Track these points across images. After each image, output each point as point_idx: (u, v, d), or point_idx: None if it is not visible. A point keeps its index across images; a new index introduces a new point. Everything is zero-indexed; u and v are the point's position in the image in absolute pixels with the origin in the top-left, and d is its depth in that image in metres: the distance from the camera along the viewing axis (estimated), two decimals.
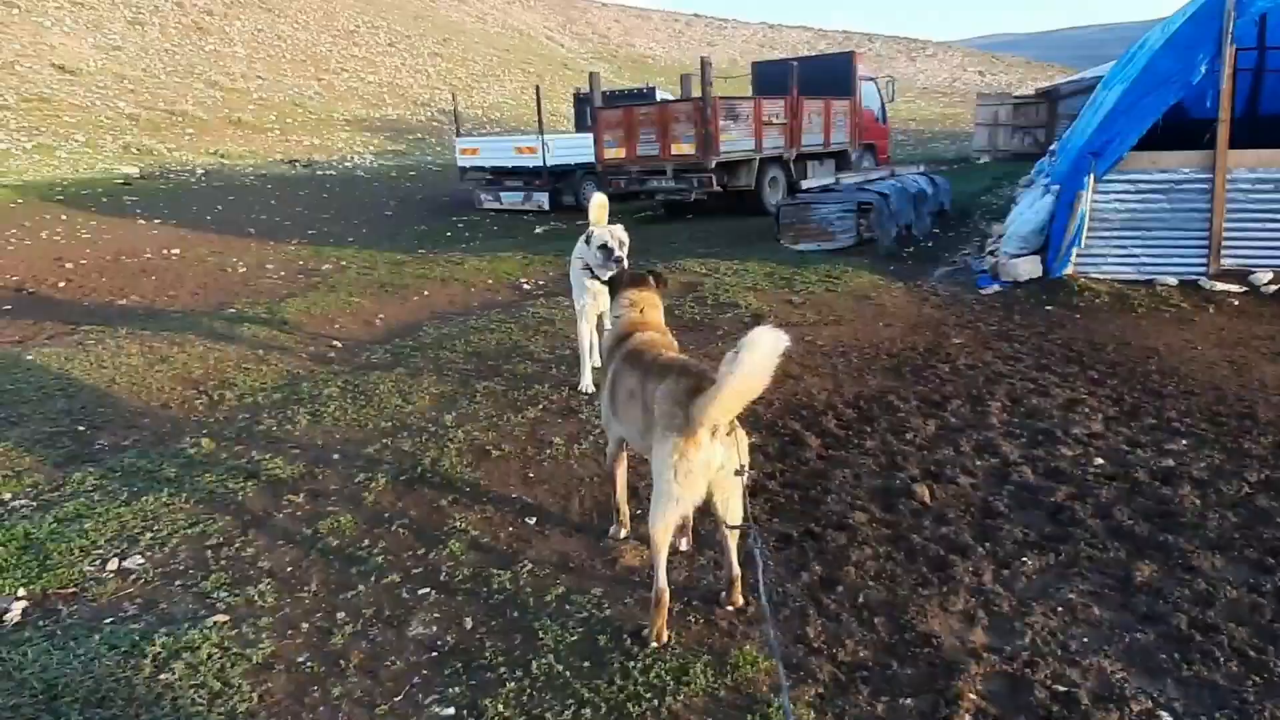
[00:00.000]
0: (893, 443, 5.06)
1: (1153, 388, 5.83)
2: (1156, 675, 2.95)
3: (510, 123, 33.95)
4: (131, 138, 22.57)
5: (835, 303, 8.43)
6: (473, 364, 6.76)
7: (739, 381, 2.87)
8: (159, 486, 4.65)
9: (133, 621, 3.49)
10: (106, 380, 6.42)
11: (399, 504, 4.44)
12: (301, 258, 11.95)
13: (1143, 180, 8.51)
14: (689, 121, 14.51)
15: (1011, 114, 26.76)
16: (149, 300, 9.54)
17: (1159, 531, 3.89)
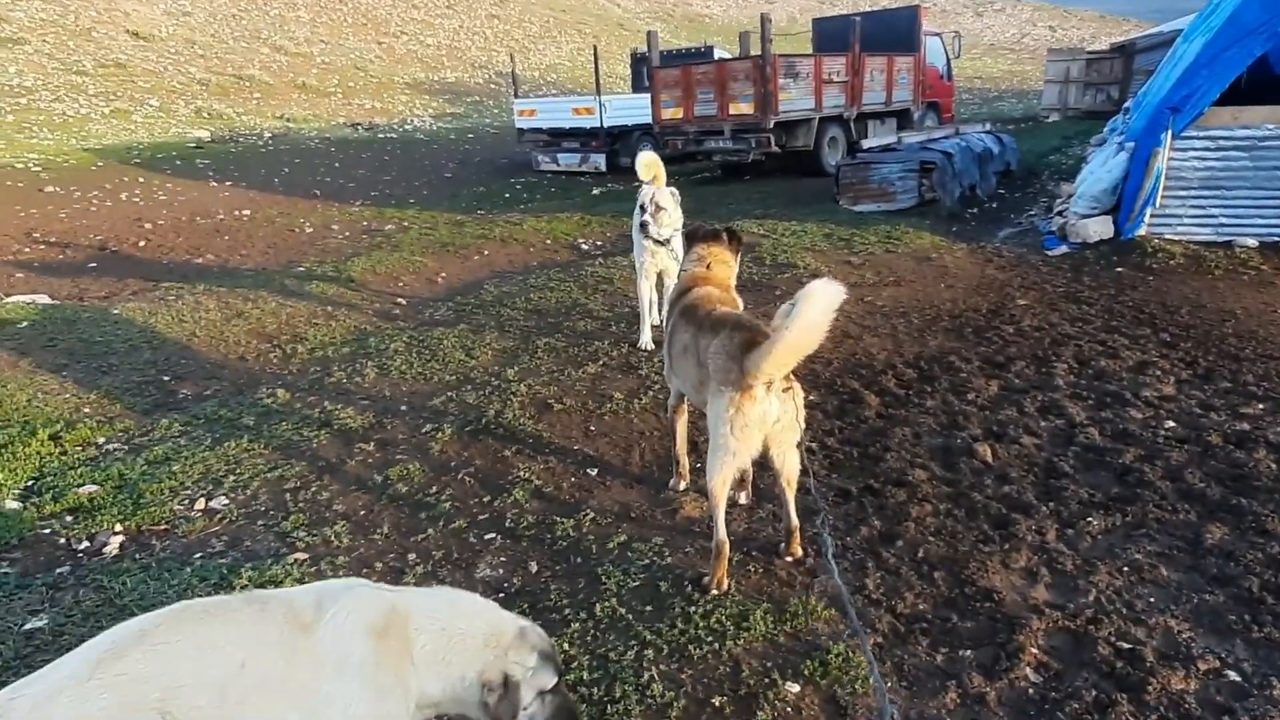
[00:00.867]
0: (954, 402, 5.01)
1: (1229, 351, 5.64)
2: (1225, 636, 2.91)
3: (566, 84, 33.82)
4: (202, 102, 23.19)
5: (895, 263, 8.29)
6: (533, 321, 6.87)
7: (795, 335, 2.87)
8: (239, 433, 4.88)
9: (220, 556, 3.70)
10: (187, 334, 6.71)
11: (465, 454, 4.58)
12: (365, 218, 12.21)
13: (1224, 137, 8.12)
14: (747, 80, 14.27)
15: (1084, 70, 25.57)
16: (223, 259, 9.90)
17: (1232, 495, 3.80)
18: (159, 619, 1.82)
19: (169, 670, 1.70)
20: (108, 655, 1.69)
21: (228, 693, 1.73)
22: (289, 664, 1.81)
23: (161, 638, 1.75)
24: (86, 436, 4.89)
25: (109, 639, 1.76)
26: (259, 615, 1.85)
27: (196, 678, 1.71)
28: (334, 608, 1.89)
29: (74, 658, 1.72)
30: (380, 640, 1.89)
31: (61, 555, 3.78)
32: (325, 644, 1.85)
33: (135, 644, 1.72)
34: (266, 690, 1.77)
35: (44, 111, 19.51)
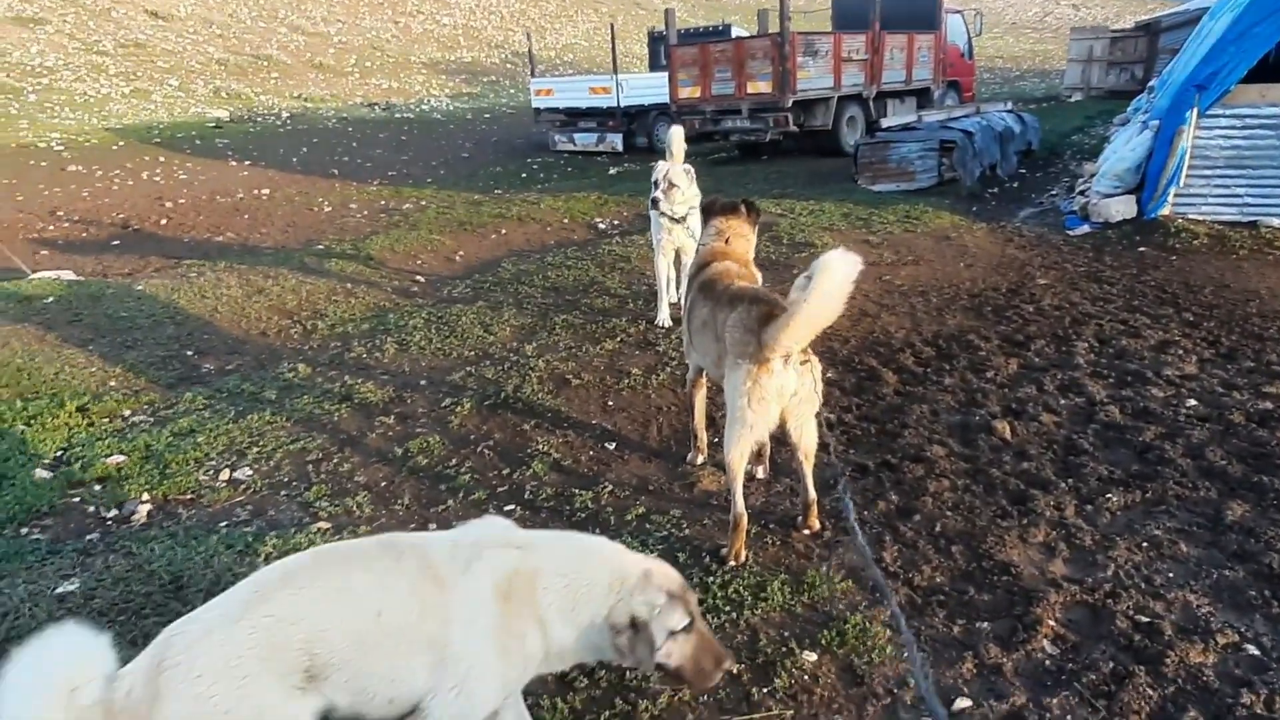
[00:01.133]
0: (972, 380, 4.99)
1: (1252, 331, 5.57)
2: (1244, 611, 2.91)
3: (583, 64, 33.63)
4: (221, 82, 23.29)
5: (914, 243, 8.24)
6: (551, 298, 6.89)
7: (812, 307, 2.86)
8: (262, 406, 4.94)
9: (245, 525, 3.77)
10: (209, 309, 6.78)
11: (484, 427, 4.62)
12: (383, 197, 12.26)
13: (1251, 115, 7.97)
14: (765, 59, 14.13)
15: (1107, 49, 25.13)
16: (243, 237, 9.99)
17: (1253, 472, 3.78)
18: (302, 564, 1.92)
19: (312, 615, 1.79)
20: (255, 598, 1.79)
21: (364, 640, 1.83)
22: (420, 617, 1.89)
23: (305, 582, 1.85)
24: (113, 409, 4.98)
25: (255, 582, 1.87)
26: (394, 566, 1.94)
27: (337, 624, 1.81)
28: (466, 568, 1.96)
29: (226, 599, 1.83)
30: (506, 604, 1.96)
31: (91, 523, 3.86)
32: (455, 603, 1.93)
33: (281, 587, 1.82)
34: (398, 639, 1.86)
35: (65, 91, 19.65)
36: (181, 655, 1.66)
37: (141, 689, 1.61)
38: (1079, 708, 2.52)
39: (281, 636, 1.74)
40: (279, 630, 1.75)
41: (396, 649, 1.86)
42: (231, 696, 1.65)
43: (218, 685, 1.64)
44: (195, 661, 1.65)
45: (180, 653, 1.66)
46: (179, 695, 1.61)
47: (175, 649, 1.68)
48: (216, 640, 1.70)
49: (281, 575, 1.87)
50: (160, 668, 1.64)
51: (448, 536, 2.10)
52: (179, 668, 1.63)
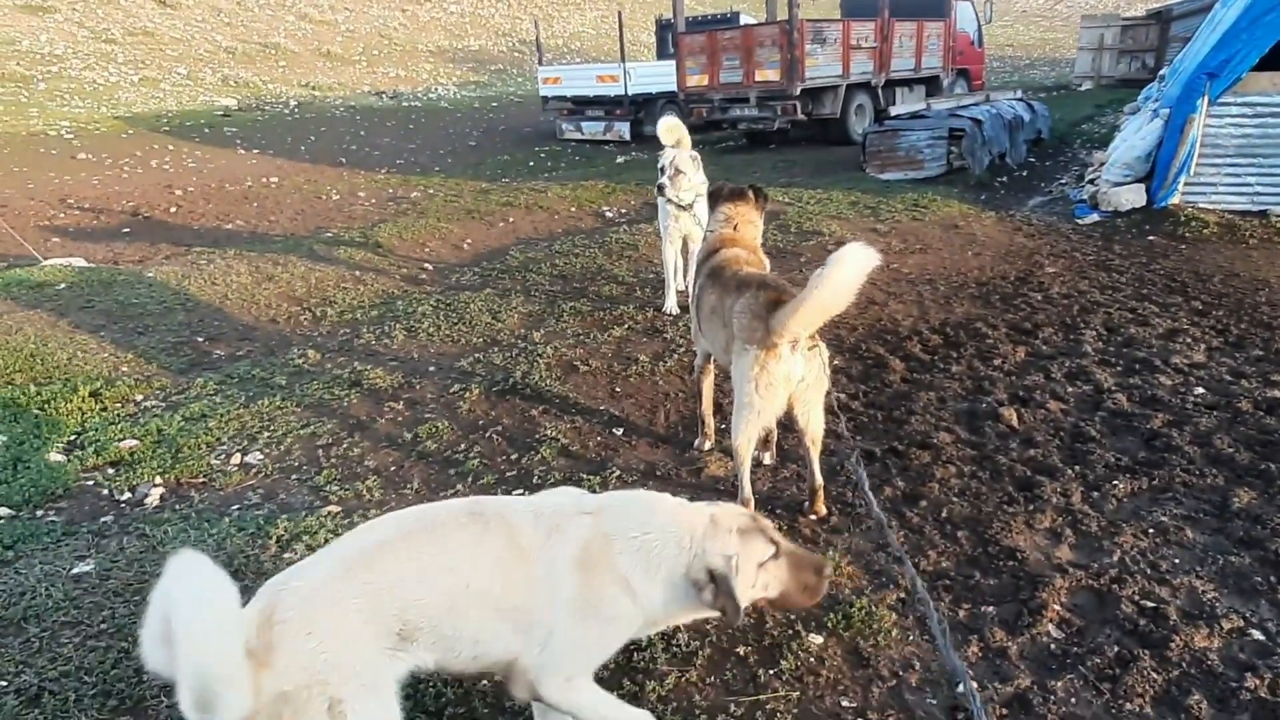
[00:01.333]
0: (979, 368, 5.00)
1: (1261, 319, 5.56)
2: (1250, 596, 2.92)
3: (591, 52, 33.50)
4: (229, 70, 23.29)
5: (922, 231, 8.22)
6: (559, 286, 6.91)
7: (822, 295, 2.87)
8: (272, 392, 4.98)
9: (256, 508, 3.81)
10: (219, 296, 6.82)
11: (492, 413, 4.65)
12: (391, 185, 12.27)
13: (1262, 103, 7.92)
14: (773, 46, 14.08)
15: (1119, 36, 24.90)
16: (252, 224, 10.01)
17: (1261, 460, 3.78)
18: (397, 530, 1.98)
19: (408, 582, 1.88)
20: (358, 562, 1.87)
21: (454, 607, 1.92)
22: (505, 588, 1.97)
23: (401, 550, 1.93)
24: (125, 394, 5.02)
25: (354, 544, 1.95)
26: (482, 535, 2.00)
27: (430, 592, 1.90)
28: (546, 539, 2.03)
29: (328, 559, 1.90)
30: (585, 573, 2.02)
31: (105, 505, 3.90)
32: (539, 574, 2.00)
33: (380, 553, 1.90)
34: (484, 608, 1.96)
35: (74, 79, 19.70)
36: (292, 611, 1.74)
37: (254, 638, 1.68)
38: (1083, 690, 2.54)
39: (380, 602, 1.83)
40: (378, 596, 1.83)
41: (483, 616, 1.95)
42: (339, 654, 1.74)
43: (327, 644, 1.73)
44: (305, 618, 1.74)
45: (290, 609, 1.74)
46: (293, 649, 1.70)
47: (285, 604, 1.75)
48: (324, 600, 1.78)
49: (378, 541, 1.94)
50: (271, 621, 1.72)
51: (529, 506, 2.13)
52: (290, 623, 1.72)
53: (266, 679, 1.64)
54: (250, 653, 1.63)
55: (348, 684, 1.73)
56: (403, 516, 2.05)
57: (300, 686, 1.67)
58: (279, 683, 1.65)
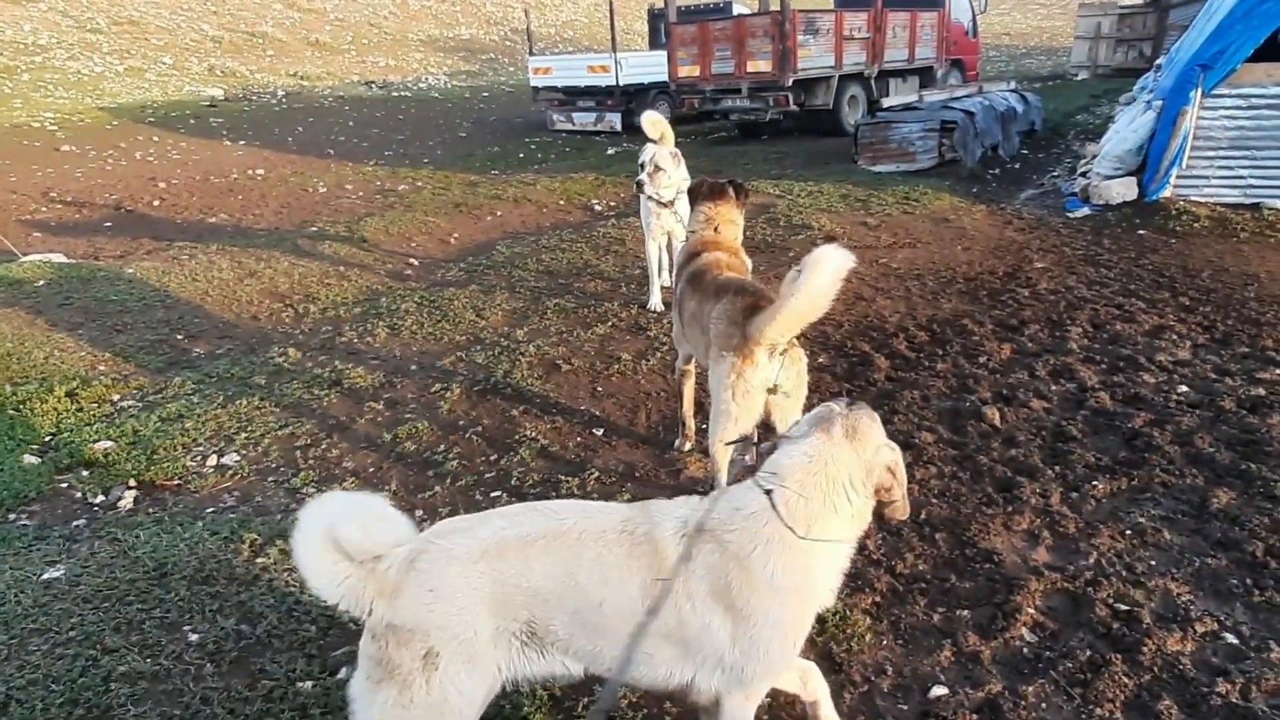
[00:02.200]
0: (964, 366, 4.97)
1: (1249, 315, 5.54)
2: (1225, 599, 2.91)
3: (583, 41, 33.31)
4: (215, 60, 23.11)
5: (912, 225, 8.18)
6: (544, 282, 6.86)
7: (799, 302, 2.83)
8: (251, 392, 4.94)
9: (231, 511, 3.77)
10: (200, 293, 6.77)
11: (473, 413, 4.61)
12: (379, 178, 12.19)
13: (1256, 95, 7.86)
14: (766, 37, 13.97)
15: (1116, 25, 24.79)
16: (236, 218, 9.94)
17: (1241, 460, 3.76)
18: (541, 528, 2.00)
19: (538, 584, 1.94)
20: (493, 548, 1.95)
21: (583, 621, 1.97)
22: (637, 605, 1.96)
23: (541, 550, 1.96)
24: (102, 394, 4.97)
25: (502, 528, 1.99)
26: (629, 555, 1.98)
27: (559, 601, 1.95)
28: (689, 560, 1.97)
29: (469, 539, 1.97)
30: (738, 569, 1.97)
31: (77, 509, 3.87)
32: (683, 606, 1.96)
33: (519, 547, 1.95)
34: (612, 619, 1.97)
35: (59, 70, 19.51)
36: (427, 566, 1.90)
37: (395, 574, 1.89)
38: (1054, 696, 2.53)
39: (508, 593, 1.93)
40: (505, 588, 1.92)
41: (619, 632, 1.97)
42: (447, 617, 1.89)
43: (441, 604, 1.89)
44: (433, 576, 1.90)
45: (427, 563, 1.91)
46: (413, 595, 1.88)
47: (426, 557, 1.92)
48: (455, 569, 1.92)
49: (521, 535, 1.97)
50: (410, 566, 1.90)
51: (678, 519, 2.04)
52: (421, 574, 1.89)
53: (384, 607, 1.87)
54: (385, 582, 1.87)
55: (447, 644, 1.88)
56: (559, 511, 2.06)
57: (407, 626, 1.87)
58: (392, 615, 1.87)
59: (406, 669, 1.87)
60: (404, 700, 1.88)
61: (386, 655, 1.88)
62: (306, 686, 2.73)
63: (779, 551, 1.94)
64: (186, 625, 3.05)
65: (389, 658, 1.88)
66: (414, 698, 1.88)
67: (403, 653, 1.87)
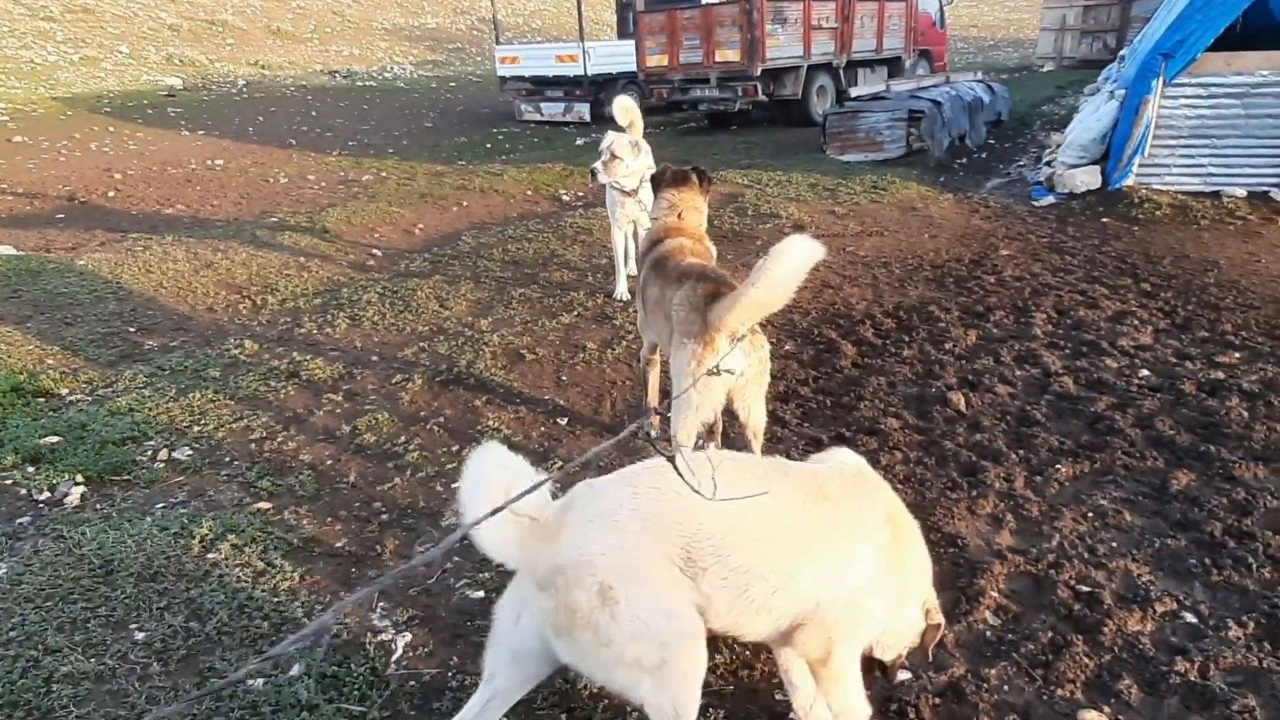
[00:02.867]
0: (931, 352, 4.98)
1: (1209, 301, 5.61)
2: (1184, 579, 2.92)
3: (552, 31, 33.01)
4: (174, 49, 22.54)
5: (880, 214, 8.19)
6: (510, 272, 6.77)
7: (760, 291, 2.79)
8: (205, 385, 4.80)
9: (182, 506, 3.66)
10: (154, 285, 6.58)
11: (434, 404, 4.53)
12: (342, 168, 11.96)
13: (1216, 84, 7.97)
14: (734, 26, 13.93)
15: (1081, 17, 25.07)
16: (194, 209, 9.68)
17: (1201, 442, 3.80)
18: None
19: (693, 517, 1.97)
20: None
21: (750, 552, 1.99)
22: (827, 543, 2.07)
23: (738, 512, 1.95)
24: (49, 388, 4.80)
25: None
26: (814, 509, 2.07)
27: (719, 530, 1.97)
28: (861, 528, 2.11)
29: (619, 481, 2.07)
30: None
31: (22, 505, 3.72)
32: (856, 557, 2.08)
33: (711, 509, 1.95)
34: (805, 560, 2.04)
35: (10, 59, 18.93)
36: (584, 506, 1.98)
37: (553, 517, 1.97)
38: (1016, 678, 2.52)
39: (662, 529, 1.96)
40: (660, 520, 1.97)
41: (800, 563, 2.03)
42: (610, 550, 1.92)
43: (600, 539, 1.93)
44: (590, 515, 1.97)
45: (583, 505, 1.99)
46: (573, 535, 1.93)
47: (582, 499, 2.01)
48: (608, 507, 1.98)
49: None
50: (567, 508, 1.99)
51: (846, 491, 2.16)
52: (578, 513, 1.97)
53: (547, 550, 1.91)
54: (544, 527, 1.93)
55: (618, 576, 1.89)
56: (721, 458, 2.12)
57: (572, 565, 1.89)
58: (556, 557, 1.90)
59: (587, 609, 1.87)
60: (601, 641, 1.87)
61: (563, 602, 1.88)
62: (258, 684, 2.65)
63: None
64: (133, 623, 2.95)
65: (566, 603, 1.88)
66: (609, 636, 1.87)
67: (578, 594, 1.87)
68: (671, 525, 1.95)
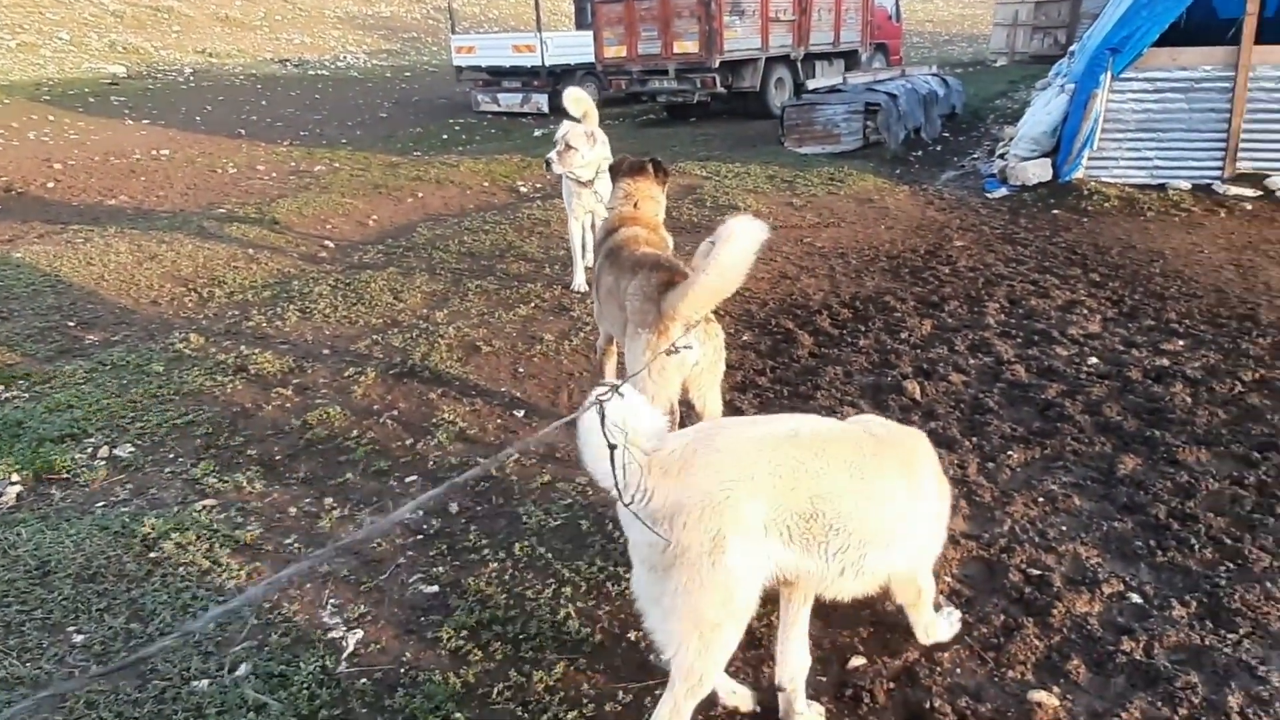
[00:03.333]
0: (887, 341, 5.02)
1: (1155, 290, 5.74)
2: (1130, 561, 2.98)
3: (509, 20, 32.65)
4: (117, 35, 21.82)
5: (837, 205, 8.25)
6: (466, 263, 6.68)
7: (711, 278, 2.80)
8: (148, 380, 4.66)
9: (123, 505, 3.54)
10: (95, 277, 6.36)
11: (388, 397, 4.44)
12: (293, 159, 11.69)
13: (1161, 79, 8.15)
14: (692, 18, 13.90)
15: (1032, 13, 25.54)
16: (138, 200, 9.38)
17: (1147, 427, 3.88)
18: (807, 428, 2.20)
19: (831, 483, 2.09)
20: (769, 440, 2.10)
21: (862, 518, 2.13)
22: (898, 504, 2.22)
23: (803, 445, 2.11)
24: None
25: (771, 428, 2.17)
26: (900, 472, 2.24)
27: (850, 502, 2.10)
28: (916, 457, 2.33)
29: (750, 429, 2.16)
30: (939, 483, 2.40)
31: None
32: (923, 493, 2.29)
33: (832, 449, 2.14)
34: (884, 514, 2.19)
35: None
36: (710, 451, 2.01)
37: (680, 455, 1.99)
38: (969, 661, 2.55)
39: (802, 481, 2.05)
40: (801, 474, 2.05)
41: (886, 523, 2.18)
42: (731, 496, 1.97)
43: (725, 486, 1.97)
44: (717, 458, 2.01)
45: (710, 449, 2.02)
46: (700, 475, 1.97)
47: (709, 443, 2.05)
48: (736, 453, 2.04)
49: (790, 431, 2.15)
50: (693, 449, 2.01)
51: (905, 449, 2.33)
52: (704, 456, 2.00)
53: (672, 487, 1.95)
54: (670, 463, 1.97)
55: (732, 524, 1.95)
56: (807, 418, 2.28)
57: (695, 504, 1.94)
58: (680, 494, 1.95)
59: (696, 550, 1.93)
60: (694, 583, 1.93)
61: (676, 538, 1.93)
62: (202, 685, 2.57)
63: None
64: (71, 626, 2.85)
65: (679, 540, 1.93)
66: (704, 579, 1.93)
67: (692, 534, 1.93)
68: (801, 492, 2.05)
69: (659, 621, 2.03)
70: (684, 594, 1.95)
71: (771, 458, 2.04)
